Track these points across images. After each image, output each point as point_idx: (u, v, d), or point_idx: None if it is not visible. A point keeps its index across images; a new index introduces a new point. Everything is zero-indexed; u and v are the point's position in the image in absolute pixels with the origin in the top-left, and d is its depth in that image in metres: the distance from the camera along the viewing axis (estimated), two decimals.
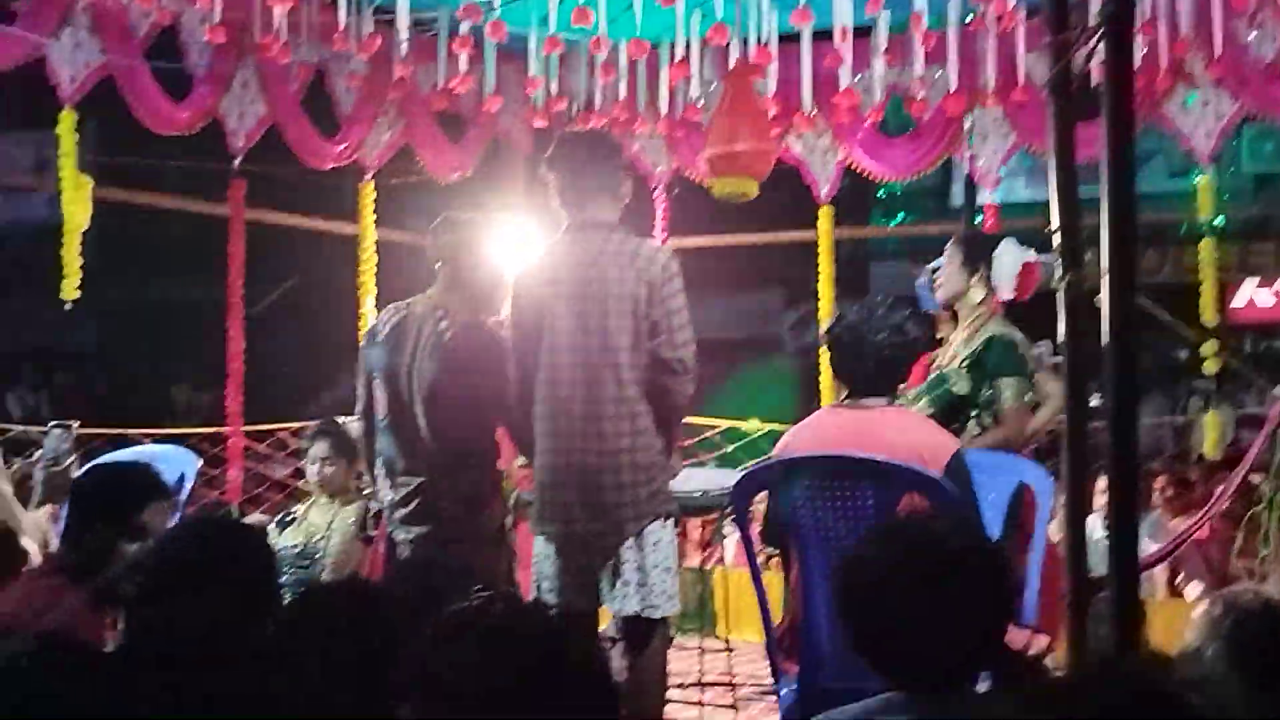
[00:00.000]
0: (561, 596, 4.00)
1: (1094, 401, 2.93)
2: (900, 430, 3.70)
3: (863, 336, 3.79)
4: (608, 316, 3.96)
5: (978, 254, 4.95)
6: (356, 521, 5.06)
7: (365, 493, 5.01)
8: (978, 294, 4.93)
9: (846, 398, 3.88)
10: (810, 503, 3.56)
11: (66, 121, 6.40)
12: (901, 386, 4.17)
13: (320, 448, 5.21)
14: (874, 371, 3.79)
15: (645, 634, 4.00)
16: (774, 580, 4.23)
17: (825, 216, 7.96)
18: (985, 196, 7.70)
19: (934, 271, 5.16)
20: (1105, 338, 2.68)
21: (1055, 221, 2.95)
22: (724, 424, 8.22)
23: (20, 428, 6.59)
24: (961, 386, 4.76)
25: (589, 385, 3.97)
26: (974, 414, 4.75)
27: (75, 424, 4.86)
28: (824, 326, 4.10)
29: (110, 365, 16.98)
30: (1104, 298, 2.68)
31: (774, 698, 4.93)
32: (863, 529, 3.46)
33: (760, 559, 5.75)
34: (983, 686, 2.56)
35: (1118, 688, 1.28)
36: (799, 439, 3.85)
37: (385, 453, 4.36)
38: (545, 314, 4.03)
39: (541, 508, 4.07)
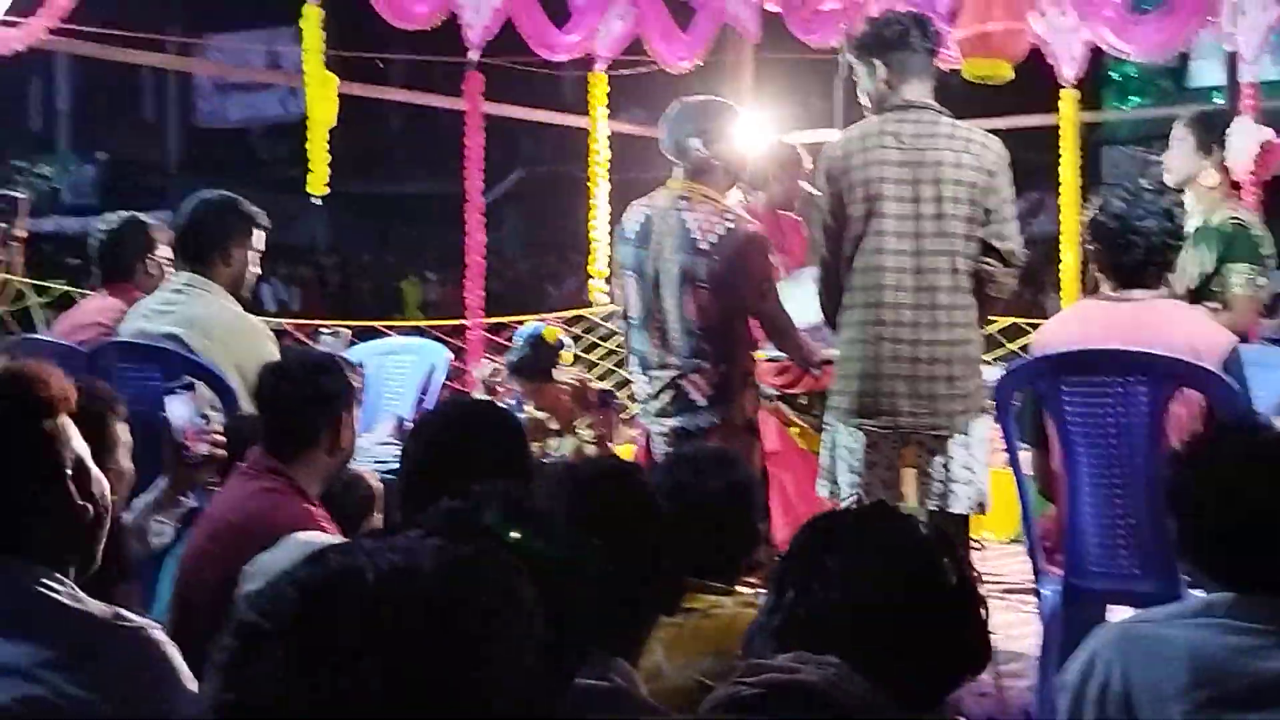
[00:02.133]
0: (868, 493, 3.86)
1: None
2: (1173, 323, 3.52)
3: (1130, 224, 3.59)
4: (943, 202, 3.80)
5: (1211, 135, 4.67)
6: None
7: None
8: (1210, 177, 4.66)
9: (1111, 289, 3.70)
10: (1078, 399, 3.43)
11: (312, 17, 6.30)
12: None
13: (515, 381, 5.15)
14: (1143, 260, 3.58)
15: (955, 533, 3.81)
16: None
17: (1068, 100, 7.60)
18: (1244, 75, 7.24)
19: None
20: None
21: None
22: None
23: (275, 321, 6.82)
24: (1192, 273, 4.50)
25: (921, 272, 3.81)
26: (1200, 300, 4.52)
27: (347, 332, 5.04)
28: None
29: (341, 259, 17.53)
30: None
31: (1021, 596, 4.86)
32: (1135, 426, 3.35)
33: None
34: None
35: None
36: (1062, 332, 3.70)
37: (639, 348, 4.34)
38: (873, 196, 3.85)
39: (860, 400, 3.88)
